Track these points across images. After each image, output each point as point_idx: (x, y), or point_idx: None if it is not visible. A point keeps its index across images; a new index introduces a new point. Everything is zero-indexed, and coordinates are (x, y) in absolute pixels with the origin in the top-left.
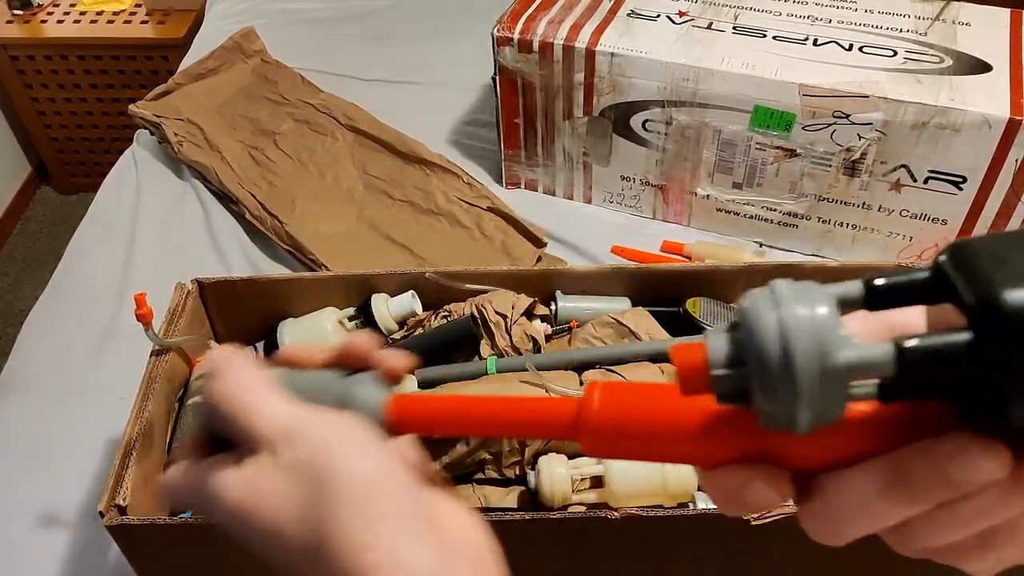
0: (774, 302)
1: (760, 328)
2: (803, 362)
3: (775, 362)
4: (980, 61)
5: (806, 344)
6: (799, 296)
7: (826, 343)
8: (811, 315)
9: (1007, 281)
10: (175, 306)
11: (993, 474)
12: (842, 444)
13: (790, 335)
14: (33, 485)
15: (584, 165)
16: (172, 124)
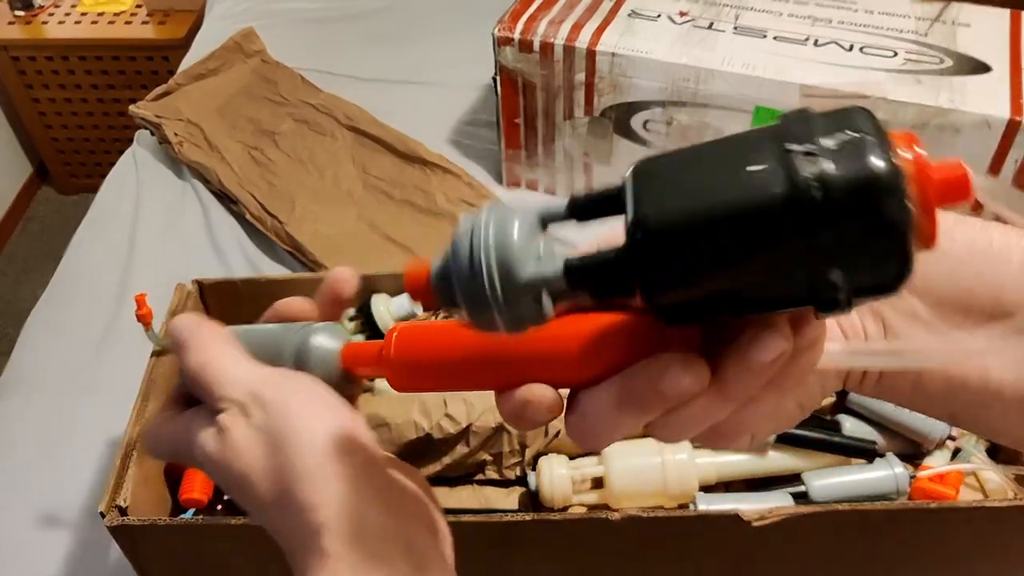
0: (476, 224)
1: (458, 248)
2: (487, 276)
3: (466, 279)
4: (980, 62)
5: (489, 263)
6: (498, 219)
7: (508, 262)
8: (499, 237)
9: (651, 199)
10: (175, 307)
11: (691, 388)
12: (595, 368)
13: (478, 255)
14: (34, 485)
15: (585, 165)
16: (172, 124)
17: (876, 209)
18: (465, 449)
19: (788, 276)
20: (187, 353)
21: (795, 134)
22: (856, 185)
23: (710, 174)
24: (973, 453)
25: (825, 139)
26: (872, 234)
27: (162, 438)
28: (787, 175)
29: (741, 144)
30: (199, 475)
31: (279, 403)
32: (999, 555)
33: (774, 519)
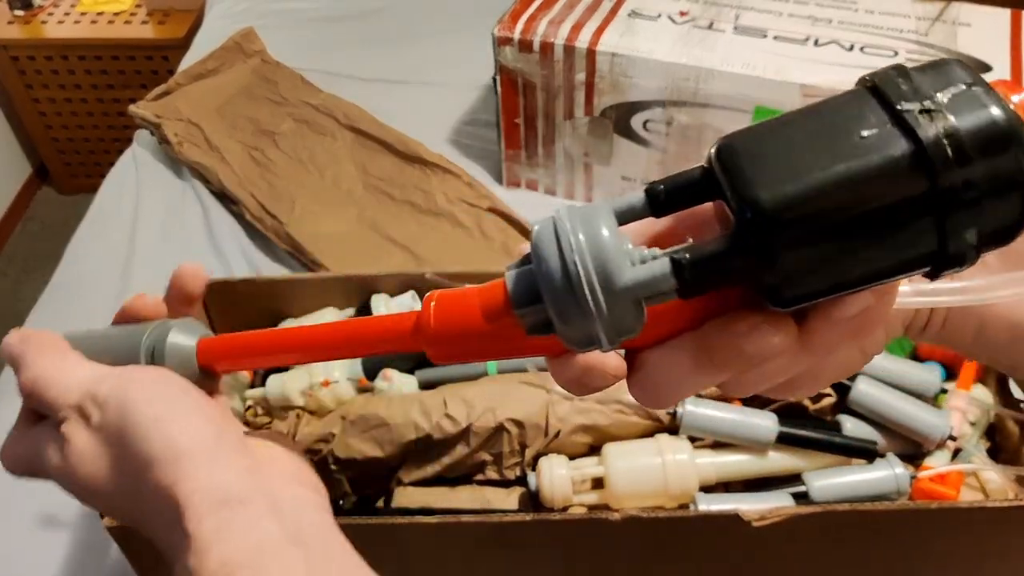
0: (557, 231)
1: (545, 260)
2: (588, 289)
3: (563, 292)
4: (980, 62)
5: (588, 271)
6: (581, 221)
7: (607, 266)
8: (591, 240)
9: (761, 181)
10: None
11: (780, 347)
12: (658, 327)
13: (572, 264)
14: (33, 485)
15: (585, 165)
16: (172, 124)
17: (1008, 157)
18: (465, 449)
19: (919, 239)
20: (21, 369)
21: (901, 93)
22: (985, 136)
23: (818, 146)
24: (974, 453)
25: (938, 94)
26: (1004, 183)
27: (16, 458)
28: (911, 135)
29: (838, 113)
30: None
31: (116, 397)
32: (1000, 555)
33: (774, 519)
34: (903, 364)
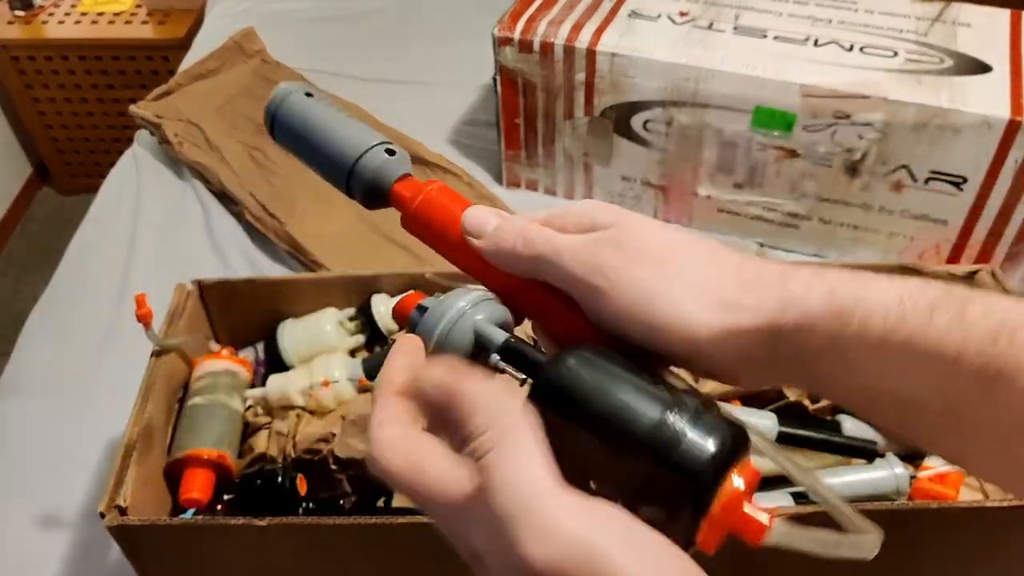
0: (452, 309)
1: (433, 316)
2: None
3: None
4: (980, 62)
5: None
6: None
7: (443, 338)
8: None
9: (571, 371)
10: (175, 307)
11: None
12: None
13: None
14: (33, 485)
15: (585, 165)
16: (172, 124)
17: (689, 496)
18: None
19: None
20: (449, 374)
21: (680, 416)
22: (683, 472)
23: (618, 388)
24: None
25: (692, 431)
26: (682, 510)
27: (408, 464)
28: (658, 429)
29: (647, 391)
30: (199, 475)
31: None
32: (999, 555)
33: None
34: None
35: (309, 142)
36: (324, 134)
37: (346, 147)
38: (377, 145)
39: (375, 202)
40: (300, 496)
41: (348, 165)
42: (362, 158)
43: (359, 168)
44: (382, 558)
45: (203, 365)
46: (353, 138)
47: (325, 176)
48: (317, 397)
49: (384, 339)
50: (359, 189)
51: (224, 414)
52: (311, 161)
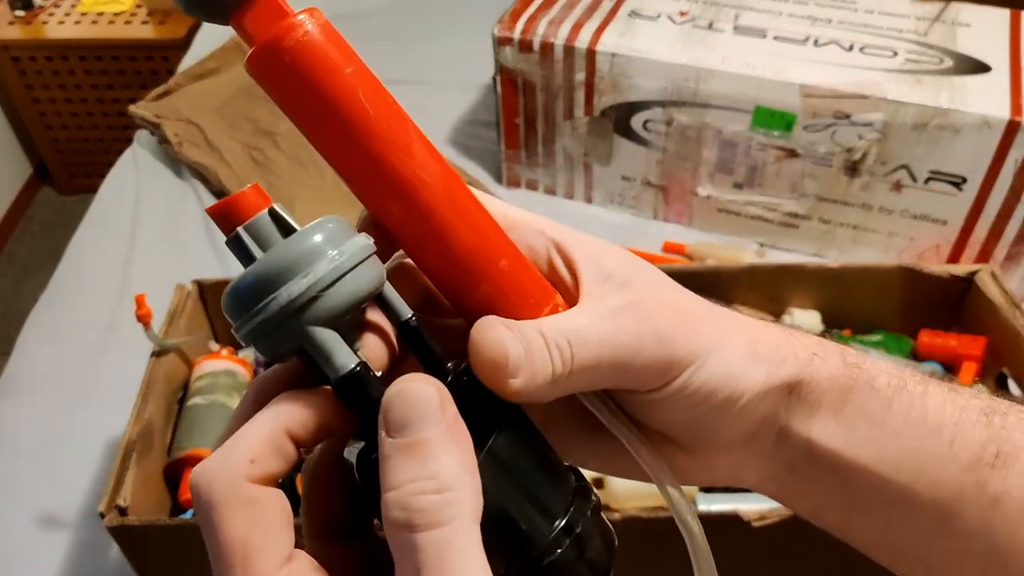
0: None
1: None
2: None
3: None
4: (980, 62)
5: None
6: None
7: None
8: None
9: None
10: (175, 307)
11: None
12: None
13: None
14: (33, 485)
15: (585, 165)
16: (172, 124)
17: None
18: None
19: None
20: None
21: (579, 535)
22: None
23: (524, 494)
24: None
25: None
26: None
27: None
28: (555, 542)
29: (553, 497)
30: None
31: None
32: None
33: (774, 519)
34: (902, 364)
35: None
36: None
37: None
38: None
39: (210, 14)
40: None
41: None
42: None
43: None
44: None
45: (203, 365)
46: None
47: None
48: None
49: None
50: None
51: (224, 414)
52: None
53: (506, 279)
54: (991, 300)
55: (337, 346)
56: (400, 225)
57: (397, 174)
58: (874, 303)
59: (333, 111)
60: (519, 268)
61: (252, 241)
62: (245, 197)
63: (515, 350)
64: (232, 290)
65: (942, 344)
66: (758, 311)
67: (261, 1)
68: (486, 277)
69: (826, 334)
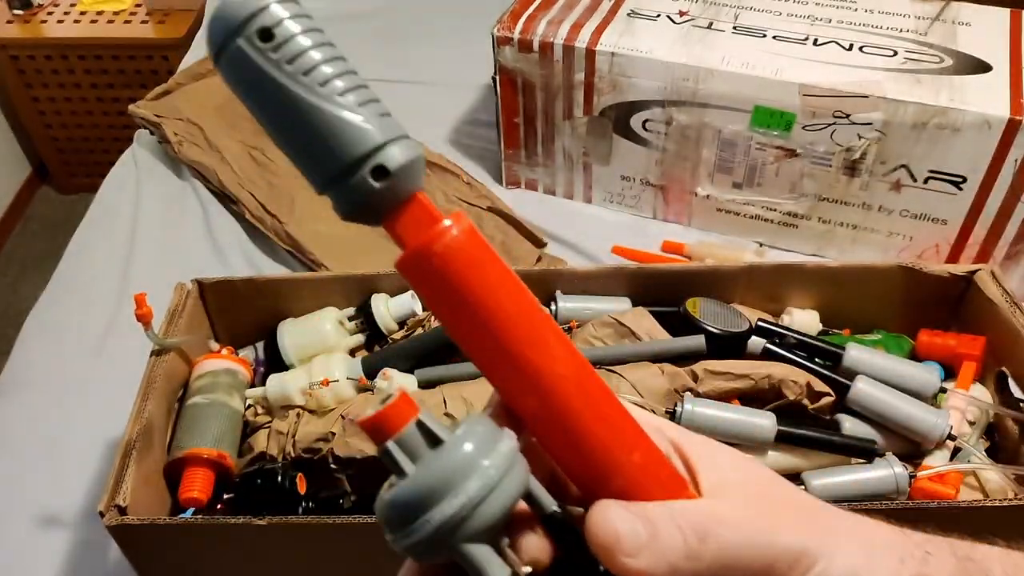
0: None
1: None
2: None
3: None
4: (980, 61)
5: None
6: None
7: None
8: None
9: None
10: (175, 306)
11: None
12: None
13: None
14: (33, 485)
15: (584, 165)
16: (172, 124)
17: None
18: None
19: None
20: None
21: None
22: None
23: None
24: (973, 453)
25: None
26: None
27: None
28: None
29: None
30: (199, 474)
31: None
32: None
33: None
34: (902, 363)
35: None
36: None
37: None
38: (360, 162)
39: (358, 218)
40: (300, 496)
41: (332, 170)
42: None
43: (343, 180)
44: (382, 558)
45: (203, 364)
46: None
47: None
48: (317, 396)
49: (384, 338)
50: (341, 201)
51: (224, 413)
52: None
53: (639, 472)
54: (991, 300)
55: (490, 560)
56: (533, 417)
57: (533, 370)
58: (873, 303)
59: (475, 311)
60: (651, 460)
61: (402, 455)
62: (395, 409)
63: (627, 528)
64: (388, 504)
65: (941, 344)
66: (758, 311)
67: (413, 208)
68: (619, 471)
69: (826, 333)
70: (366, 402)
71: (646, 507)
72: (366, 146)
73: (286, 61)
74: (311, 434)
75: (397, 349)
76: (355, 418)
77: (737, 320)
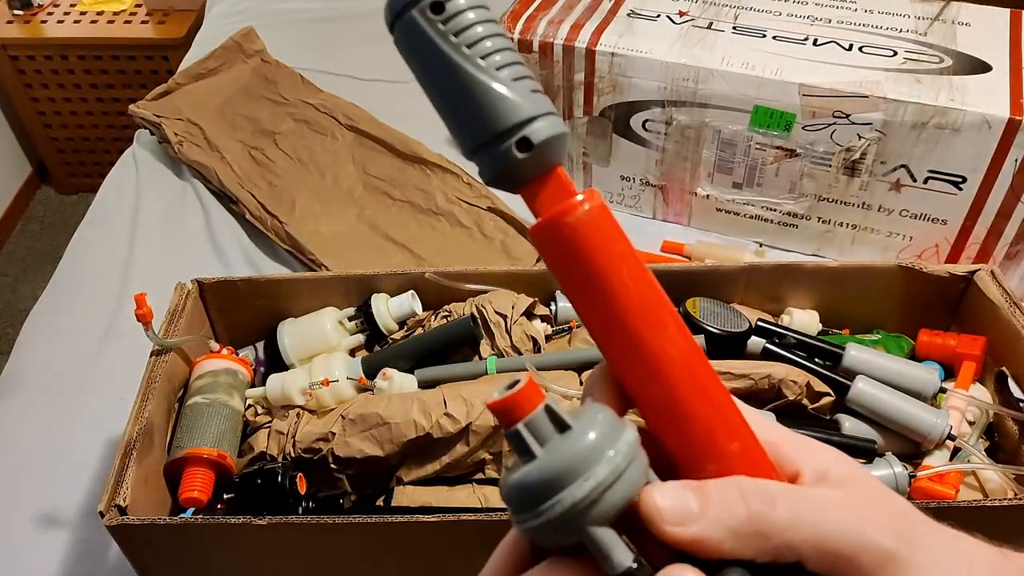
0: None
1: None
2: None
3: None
4: (980, 61)
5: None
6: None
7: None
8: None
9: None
10: (175, 306)
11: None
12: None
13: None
14: (33, 485)
15: (584, 165)
16: (172, 124)
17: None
18: (465, 448)
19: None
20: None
21: None
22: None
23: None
24: (973, 453)
25: None
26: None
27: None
28: None
29: None
30: (199, 474)
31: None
32: None
33: None
34: (902, 363)
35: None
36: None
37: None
38: (508, 132)
39: (499, 184)
40: (300, 495)
41: (481, 137)
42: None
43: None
44: (382, 558)
45: (203, 364)
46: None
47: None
48: (317, 396)
49: (384, 338)
50: (485, 167)
51: (224, 413)
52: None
53: (735, 460)
54: (990, 299)
55: (615, 543)
56: (639, 392)
57: (646, 346)
58: (873, 303)
59: (597, 283)
60: (750, 451)
61: (531, 437)
62: (524, 394)
63: (670, 500)
64: (516, 485)
65: (941, 343)
66: (757, 311)
67: (551, 180)
68: (716, 456)
69: (826, 333)
70: (366, 402)
71: (706, 482)
72: (514, 119)
73: (452, 33)
74: (311, 434)
75: (397, 349)
76: (488, 399)
77: (737, 320)
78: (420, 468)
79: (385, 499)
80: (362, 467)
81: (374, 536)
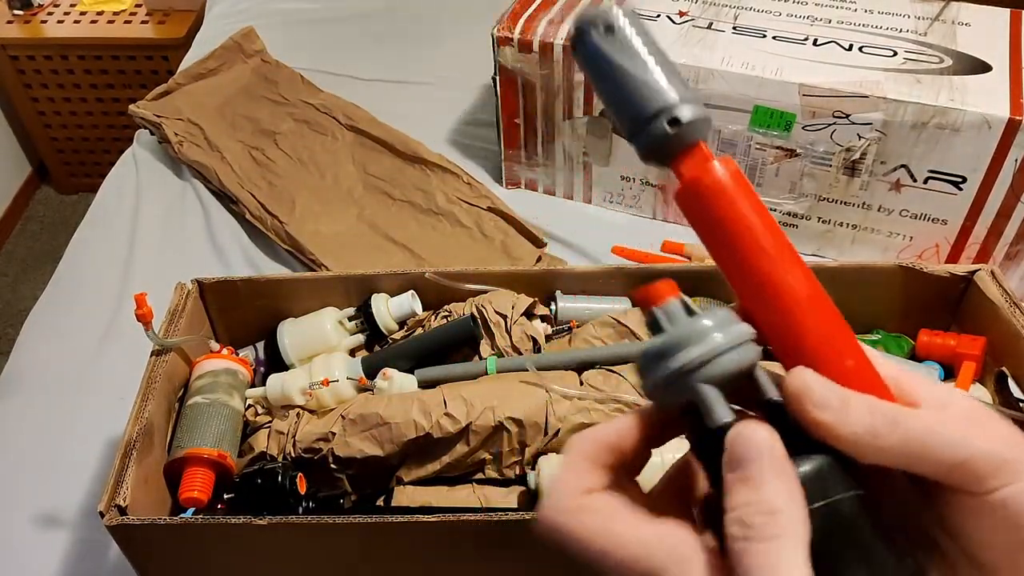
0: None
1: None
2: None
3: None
4: (980, 61)
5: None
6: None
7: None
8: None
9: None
10: (175, 306)
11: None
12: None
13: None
14: (33, 485)
15: (584, 165)
16: (172, 124)
17: None
18: (465, 448)
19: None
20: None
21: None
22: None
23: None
24: None
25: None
26: None
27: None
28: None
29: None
30: (199, 474)
31: None
32: None
33: None
34: (902, 363)
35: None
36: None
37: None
38: (660, 113)
39: (657, 164)
40: (300, 495)
41: (640, 117)
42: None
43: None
44: (382, 558)
45: (203, 364)
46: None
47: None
48: (317, 396)
49: (384, 338)
50: (641, 144)
51: (224, 413)
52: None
53: (851, 377)
54: (990, 299)
55: (719, 401)
56: (769, 325)
57: (773, 286)
58: (873, 302)
59: (730, 233)
60: (864, 369)
61: (664, 318)
62: (661, 287)
63: (820, 387)
64: (646, 351)
65: (941, 344)
66: None
67: (694, 152)
68: (833, 371)
69: None
70: (366, 402)
71: (846, 389)
72: (667, 102)
73: (620, 45)
74: (311, 434)
75: (397, 349)
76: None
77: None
78: (420, 468)
79: (385, 499)
80: (362, 467)
81: (374, 536)
